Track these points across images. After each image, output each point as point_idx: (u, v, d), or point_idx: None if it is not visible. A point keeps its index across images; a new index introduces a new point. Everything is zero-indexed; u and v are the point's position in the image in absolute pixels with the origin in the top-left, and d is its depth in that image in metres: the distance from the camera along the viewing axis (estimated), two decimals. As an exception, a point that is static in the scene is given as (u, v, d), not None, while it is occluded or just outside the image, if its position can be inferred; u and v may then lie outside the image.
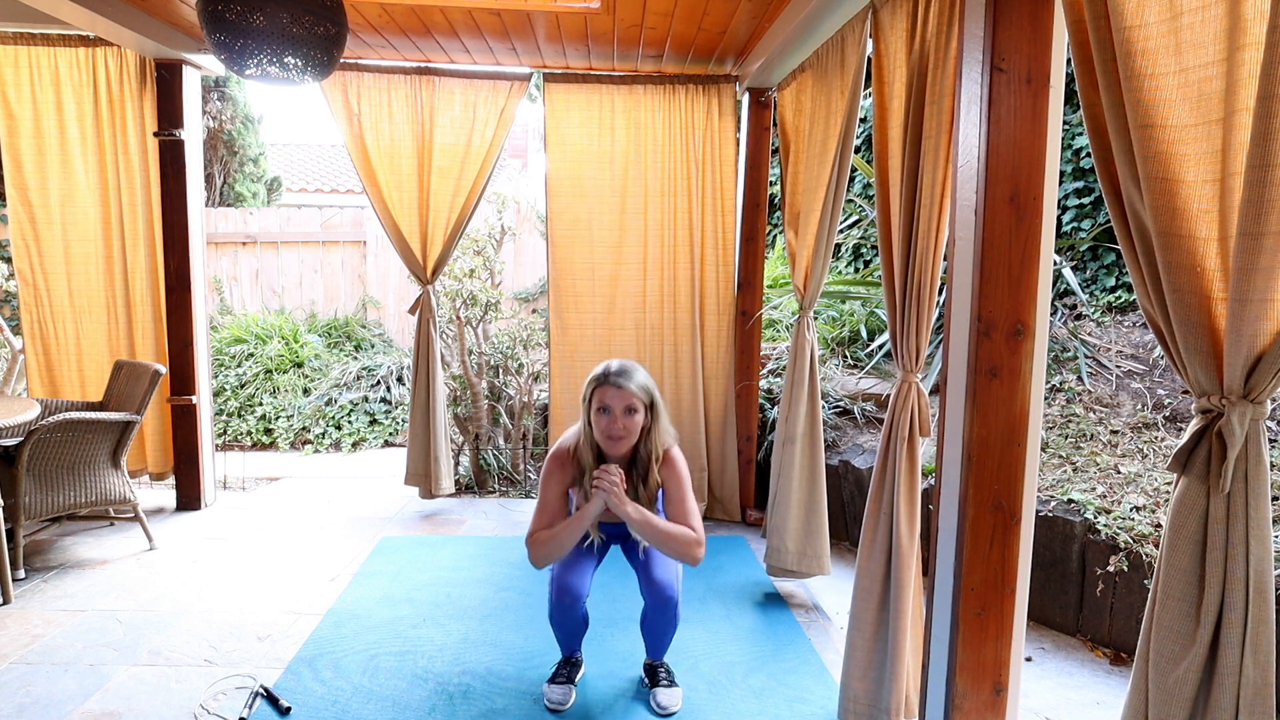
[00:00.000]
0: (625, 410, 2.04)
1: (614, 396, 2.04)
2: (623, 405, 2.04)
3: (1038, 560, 2.80)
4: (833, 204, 2.66)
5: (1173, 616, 1.16)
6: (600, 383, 2.06)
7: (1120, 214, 1.26)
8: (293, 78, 2.42)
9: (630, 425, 2.05)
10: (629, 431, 2.06)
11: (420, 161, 3.87)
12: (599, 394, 2.06)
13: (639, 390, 2.06)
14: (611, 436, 2.05)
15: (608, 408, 2.05)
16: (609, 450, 2.10)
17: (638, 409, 2.06)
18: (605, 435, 2.06)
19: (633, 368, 2.09)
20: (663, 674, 2.35)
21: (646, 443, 2.11)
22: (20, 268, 3.90)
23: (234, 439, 5.64)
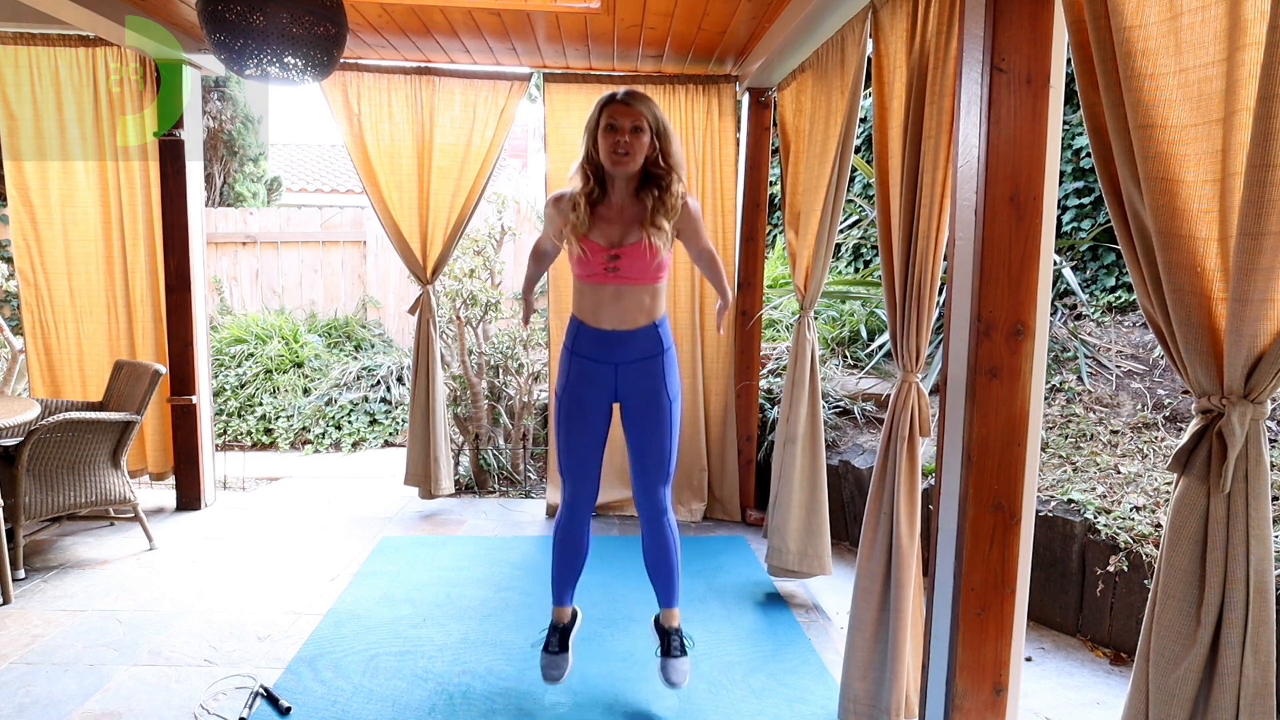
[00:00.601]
0: (632, 128, 2.04)
1: (621, 113, 2.05)
2: (630, 122, 2.04)
3: (1038, 560, 2.80)
4: (833, 204, 2.66)
5: (1173, 616, 1.16)
6: (608, 101, 2.07)
7: (1120, 214, 1.26)
8: (293, 78, 2.42)
9: (636, 143, 2.05)
10: (635, 150, 2.05)
11: (420, 161, 3.86)
12: (607, 111, 2.06)
13: (647, 112, 2.06)
14: (617, 151, 2.04)
15: (615, 124, 2.05)
16: (613, 167, 2.06)
17: (645, 129, 2.06)
18: (611, 151, 2.04)
19: (642, 94, 2.10)
20: (675, 641, 2.31)
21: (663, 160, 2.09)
22: (21, 268, 3.90)
23: (234, 439, 5.64)
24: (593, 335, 2.18)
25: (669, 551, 2.27)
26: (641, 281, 2.14)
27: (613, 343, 2.17)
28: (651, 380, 2.19)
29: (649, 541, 2.28)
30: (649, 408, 2.20)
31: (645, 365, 2.19)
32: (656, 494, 2.23)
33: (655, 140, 2.08)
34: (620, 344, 2.17)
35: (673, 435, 2.23)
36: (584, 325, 2.20)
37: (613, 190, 2.14)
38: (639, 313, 2.16)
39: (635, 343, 2.17)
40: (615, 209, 2.14)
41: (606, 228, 2.12)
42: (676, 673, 2.27)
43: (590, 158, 2.12)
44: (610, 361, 2.18)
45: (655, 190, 2.10)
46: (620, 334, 2.16)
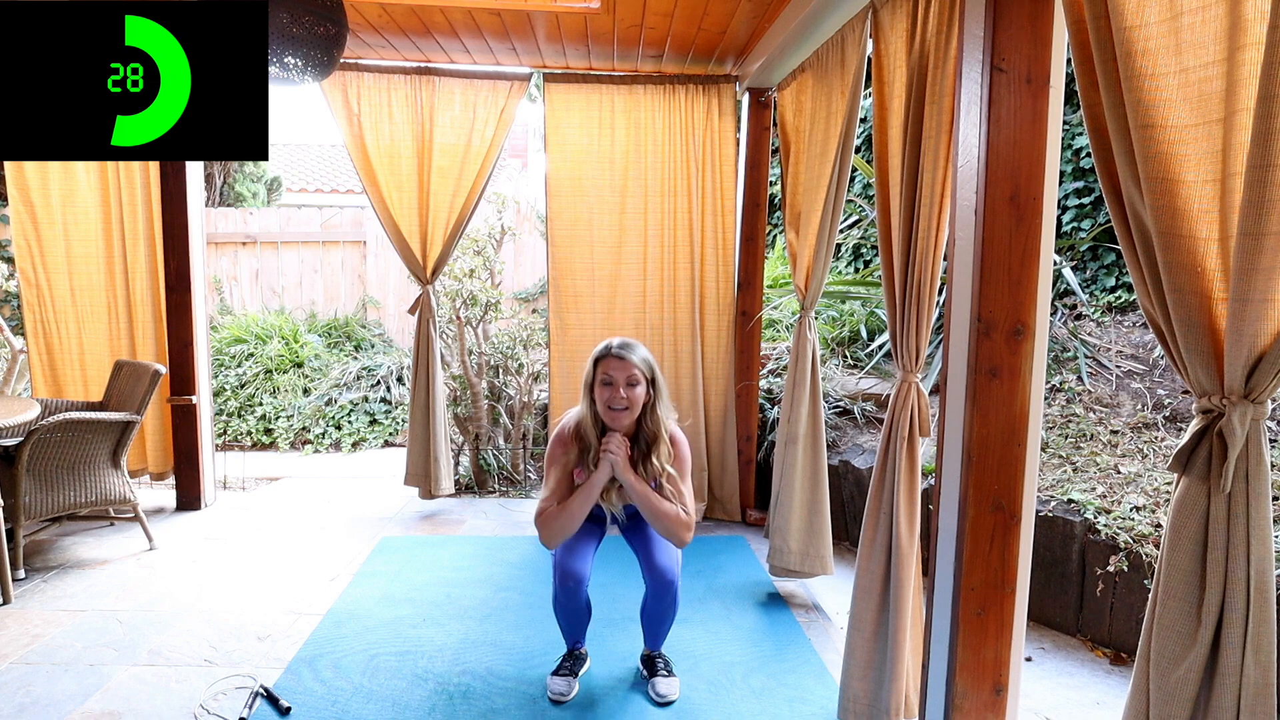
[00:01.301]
0: (627, 382, 2.10)
1: (617, 368, 2.09)
2: (625, 377, 2.09)
3: (1038, 560, 2.79)
4: (833, 204, 2.66)
5: (1173, 616, 1.16)
6: (603, 356, 2.13)
7: (1120, 214, 1.26)
8: (293, 78, 2.43)
9: (633, 397, 2.10)
10: (631, 403, 2.10)
11: (420, 161, 3.86)
12: (602, 366, 2.12)
13: (641, 363, 2.12)
14: (614, 407, 2.10)
15: (611, 379, 2.10)
16: (612, 423, 2.13)
17: (639, 381, 2.11)
18: (608, 406, 2.10)
19: (634, 343, 2.16)
20: (660, 664, 2.39)
21: (650, 418, 2.16)
22: (23, 268, 3.90)
23: (234, 439, 5.64)
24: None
25: (668, 614, 2.31)
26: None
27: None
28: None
29: (652, 603, 2.29)
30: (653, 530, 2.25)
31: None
32: (672, 572, 2.22)
33: (650, 389, 2.15)
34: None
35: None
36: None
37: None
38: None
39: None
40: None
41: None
42: (666, 686, 2.32)
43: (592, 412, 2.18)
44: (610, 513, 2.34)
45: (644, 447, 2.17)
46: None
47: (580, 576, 2.20)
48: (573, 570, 2.19)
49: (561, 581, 2.21)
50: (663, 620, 2.34)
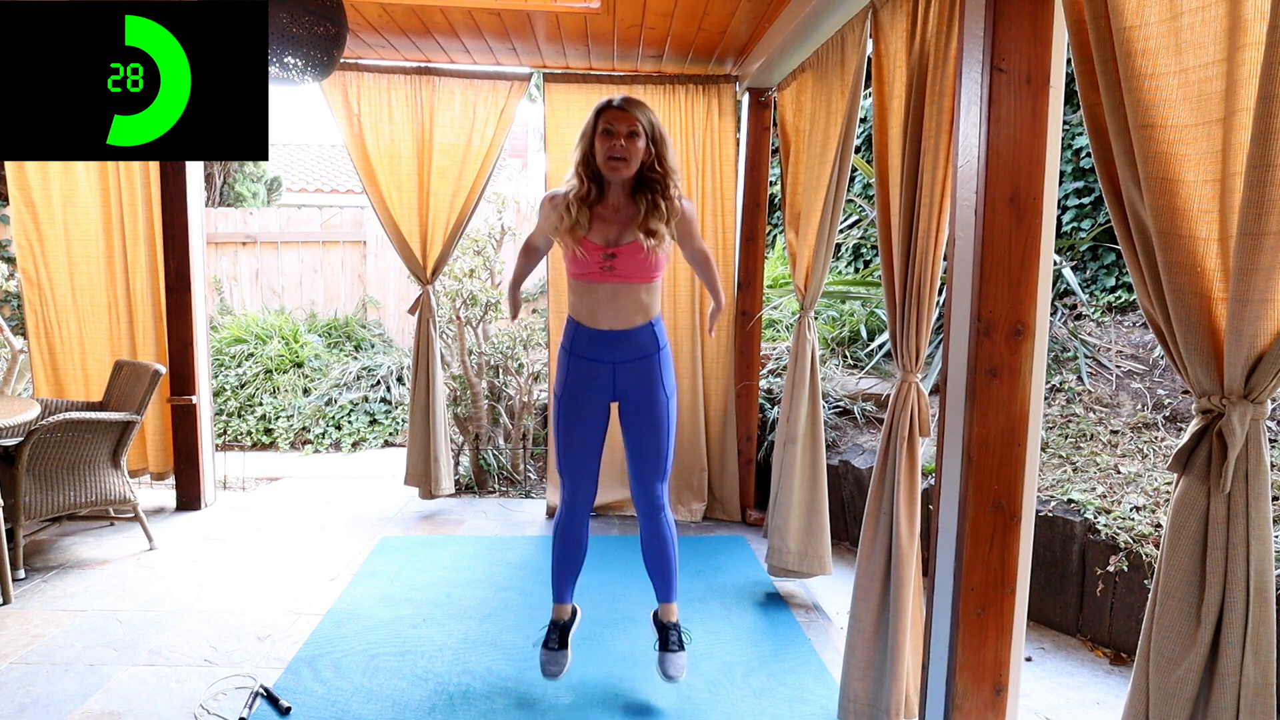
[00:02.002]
0: (628, 133, 2.07)
1: (618, 119, 2.07)
2: (626, 128, 2.07)
3: (1038, 560, 2.79)
4: (833, 204, 2.66)
5: (1173, 616, 1.16)
6: (605, 107, 2.10)
7: (1120, 214, 1.26)
8: (293, 78, 2.43)
9: (632, 148, 2.08)
10: (630, 155, 2.08)
11: (420, 161, 3.86)
12: (604, 117, 2.09)
13: (643, 118, 2.09)
14: (613, 156, 2.07)
15: (611, 129, 2.07)
16: (610, 173, 2.09)
17: (640, 133, 2.09)
18: (607, 156, 2.07)
19: (639, 101, 2.13)
20: (673, 635, 2.35)
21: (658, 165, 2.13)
22: (25, 268, 3.90)
23: (234, 439, 5.64)
24: (590, 335, 2.20)
25: (666, 547, 2.31)
26: (637, 280, 2.16)
27: (610, 342, 2.19)
28: (648, 378, 2.22)
29: (647, 537, 2.32)
30: (646, 405, 2.23)
31: (642, 364, 2.21)
32: (654, 491, 2.26)
33: (651, 146, 2.11)
34: (617, 343, 2.20)
35: (669, 433, 2.26)
36: (581, 326, 2.22)
37: (609, 192, 2.16)
38: (635, 312, 2.18)
39: (632, 342, 2.20)
40: (611, 209, 2.16)
41: (603, 227, 2.15)
42: (674, 666, 2.31)
43: (586, 161, 2.14)
44: (607, 361, 2.21)
45: (650, 194, 2.12)
46: (617, 333, 2.19)
47: (590, 491, 2.27)
48: (583, 481, 2.25)
49: (571, 494, 2.26)
50: (663, 556, 2.31)
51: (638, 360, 2.21)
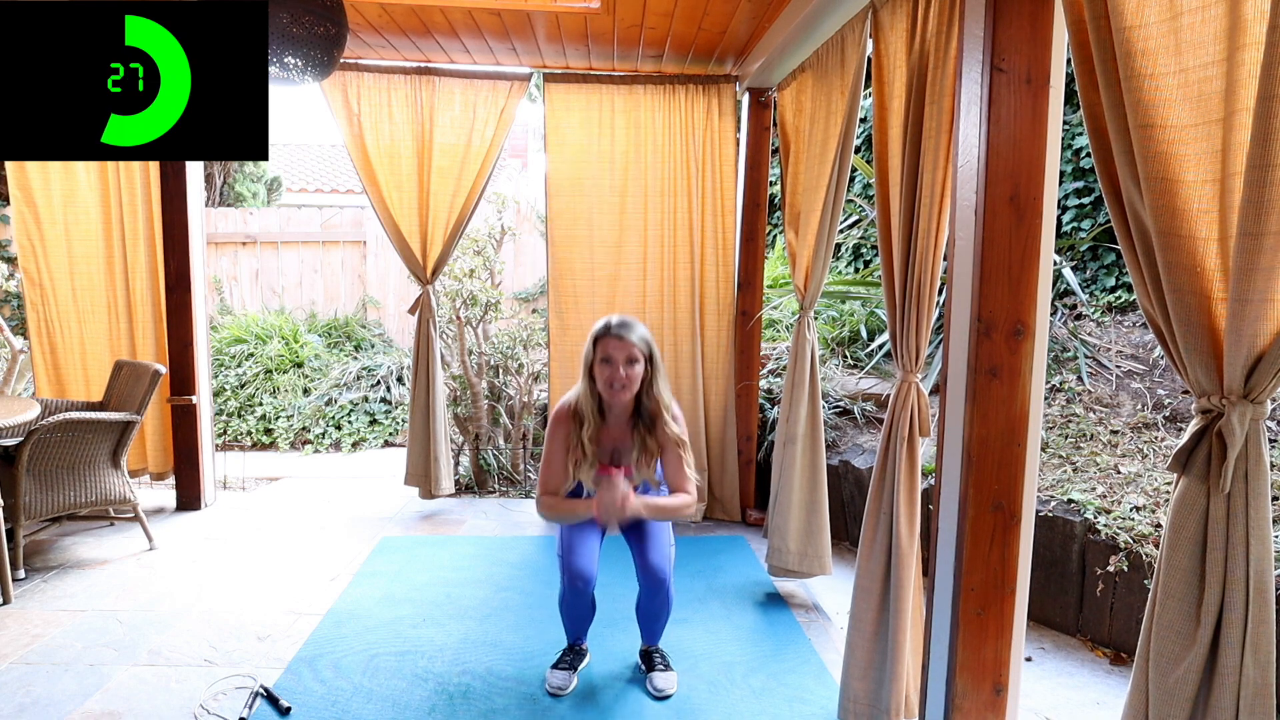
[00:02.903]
0: (627, 360, 2.11)
1: (616, 347, 2.11)
2: (624, 355, 2.11)
3: (1038, 560, 2.79)
4: (833, 204, 2.66)
5: (1173, 616, 1.16)
6: (603, 335, 2.14)
7: (1120, 214, 1.26)
8: (293, 78, 2.43)
9: (631, 375, 2.12)
10: (630, 381, 2.12)
11: (420, 161, 3.86)
12: (602, 345, 2.13)
13: (639, 342, 2.14)
14: (614, 385, 2.11)
15: (610, 358, 2.11)
16: (611, 400, 2.15)
17: (638, 359, 2.13)
18: (608, 384, 2.12)
19: (633, 321, 2.18)
20: (658, 659, 2.43)
21: (649, 393, 2.18)
22: (27, 268, 3.90)
23: (234, 439, 5.64)
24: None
25: (662, 612, 2.37)
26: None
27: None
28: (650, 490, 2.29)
29: (646, 604, 2.35)
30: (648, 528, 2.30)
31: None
32: (663, 571, 2.26)
33: (648, 367, 2.16)
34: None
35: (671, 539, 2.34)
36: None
37: (610, 415, 2.23)
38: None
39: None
40: (612, 435, 2.25)
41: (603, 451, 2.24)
42: (663, 680, 2.37)
43: (591, 390, 2.20)
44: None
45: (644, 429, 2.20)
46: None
47: (589, 578, 2.23)
48: (581, 572, 2.22)
49: (570, 583, 2.25)
50: (657, 617, 2.38)
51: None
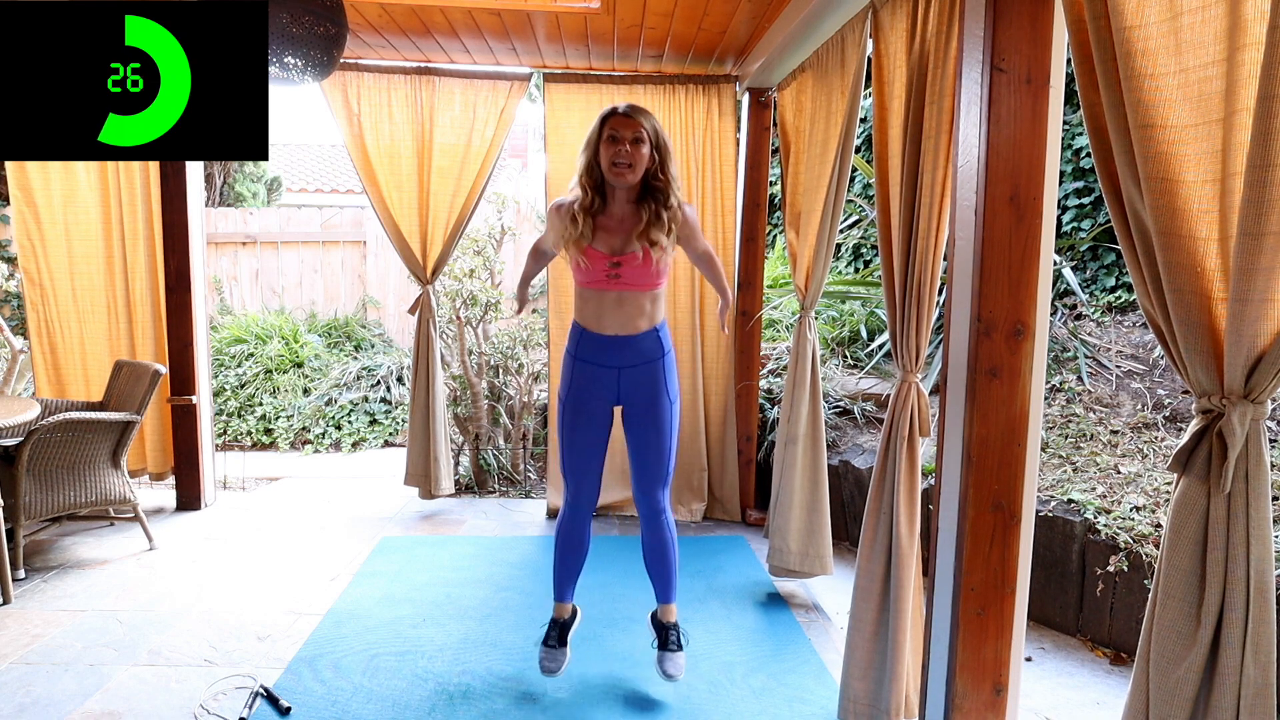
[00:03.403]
0: (633, 139, 2.09)
1: (623, 125, 2.10)
2: (631, 134, 2.09)
3: (1038, 560, 2.79)
4: (833, 204, 2.66)
5: (1173, 616, 1.16)
6: (610, 114, 2.13)
7: (1120, 214, 1.26)
8: (293, 78, 2.43)
9: (637, 154, 2.09)
10: (635, 161, 2.09)
11: (420, 161, 3.86)
12: (610, 123, 2.11)
13: (647, 125, 2.12)
14: (617, 163, 2.09)
15: (617, 135, 2.09)
16: (614, 179, 2.11)
17: (644, 140, 2.11)
18: (611, 162, 2.09)
19: (643, 108, 2.16)
20: (672, 636, 2.38)
21: (661, 173, 2.15)
22: (27, 267, 3.90)
23: (234, 439, 5.64)
24: (595, 340, 2.23)
25: (667, 549, 2.34)
26: (642, 288, 2.19)
27: (615, 347, 2.22)
28: (652, 383, 2.25)
29: (648, 539, 2.35)
30: (650, 410, 2.25)
31: (647, 369, 2.24)
32: (655, 495, 2.29)
33: (655, 153, 2.13)
34: (622, 348, 2.22)
35: (672, 437, 2.29)
36: (586, 331, 2.25)
37: (613, 201, 2.18)
38: (640, 318, 2.21)
39: (637, 347, 2.23)
40: (615, 219, 2.18)
41: (607, 237, 2.17)
42: (674, 665, 2.34)
43: (590, 169, 2.16)
44: (613, 365, 2.23)
45: (653, 204, 2.15)
46: (622, 339, 2.22)
47: (593, 495, 2.30)
48: (586, 486, 2.28)
49: (574, 497, 2.29)
50: (664, 558, 2.34)
51: (642, 365, 2.24)
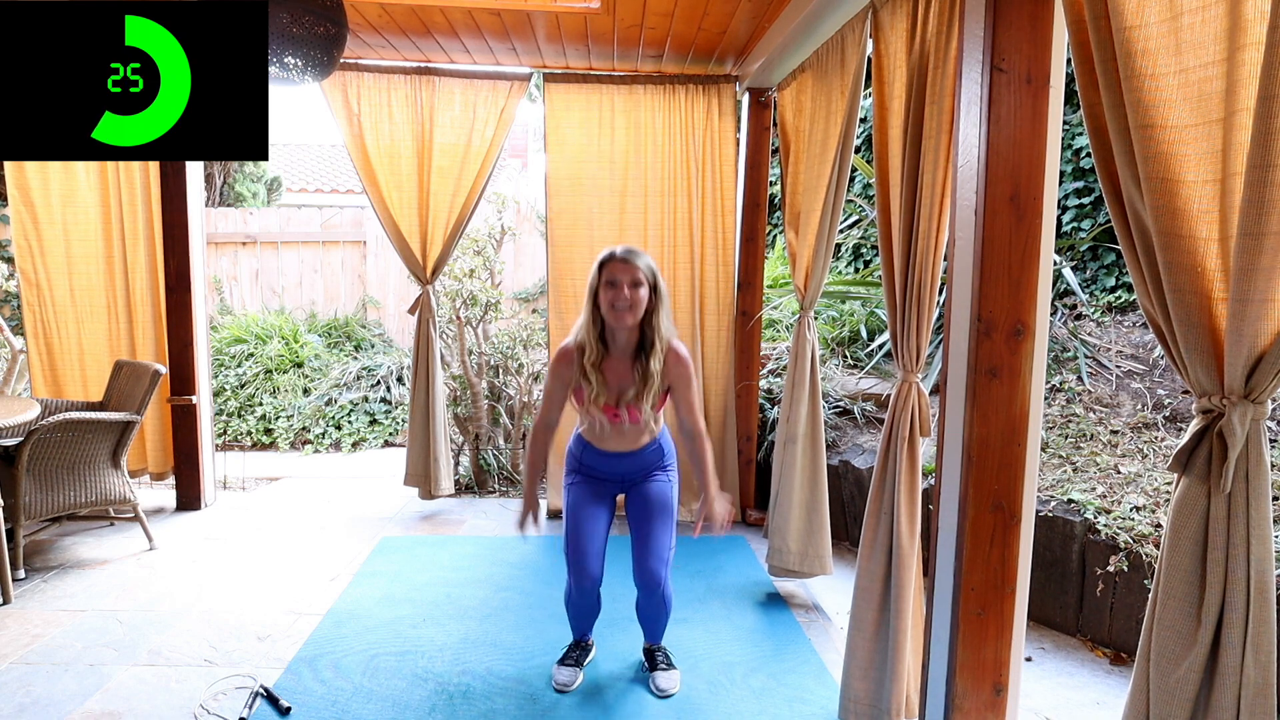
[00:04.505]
0: (632, 283, 2.12)
1: (621, 270, 2.12)
2: (629, 278, 2.11)
3: (1038, 560, 2.79)
4: (833, 204, 2.66)
5: (1174, 616, 1.16)
6: (608, 260, 2.15)
7: (1120, 214, 1.26)
8: (293, 78, 2.43)
9: (636, 298, 2.12)
10: (635, 304, 2.12)
11: (420, 161, 3.86)
12: (608, 269, 2.13)
13: (644, 268, 2.15)
14: (617, 307, 2.11)
15: (615, 281, 2.12)
16: (614, 323, 2.14)
17: (643, 283, 2.13)
18: (611, 306, 2.12)
19: (638, 249, 2.18)
20: (660, 658, 2.45)
21: (651, 322, 2.17)
22: (24, 268, 3.90)
23: (234, 439, 5.64)
24: (598, 454, 2.30)
25: (660, 613, 2.39)
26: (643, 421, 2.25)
27: (618, 460, 2.30)
28: (656, 483, 2.31)
29: (643, 603, 2.38)
30: (653, 504, 2.30)
31: (650, 475, 2.32)
32: (658, 573, 2.28)
33: (652, 296, 2.16)
34: (625, 461, 2.30)
35: (673, 522, 2.33)
36: (589, 445, 2.31)
37: (613, 345, 2.20)
38: (642, 435, 2.28)
39: (640, 460, 2.30)
40: (615, 371, 2.21)
41: (609, 389, 2.21)
42: (666, 680, 2.39)
43: (594, 320, 2.18)
44: (615, 477, 2.32)
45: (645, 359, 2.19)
46: (625, 454, 2.28)
47: (595, 577, 2.28)
48: (588, 571, 2.27)
49: (578, 583, 2.28)
50: (656, 618, 2.40)
51: (645, 473, 2.31)
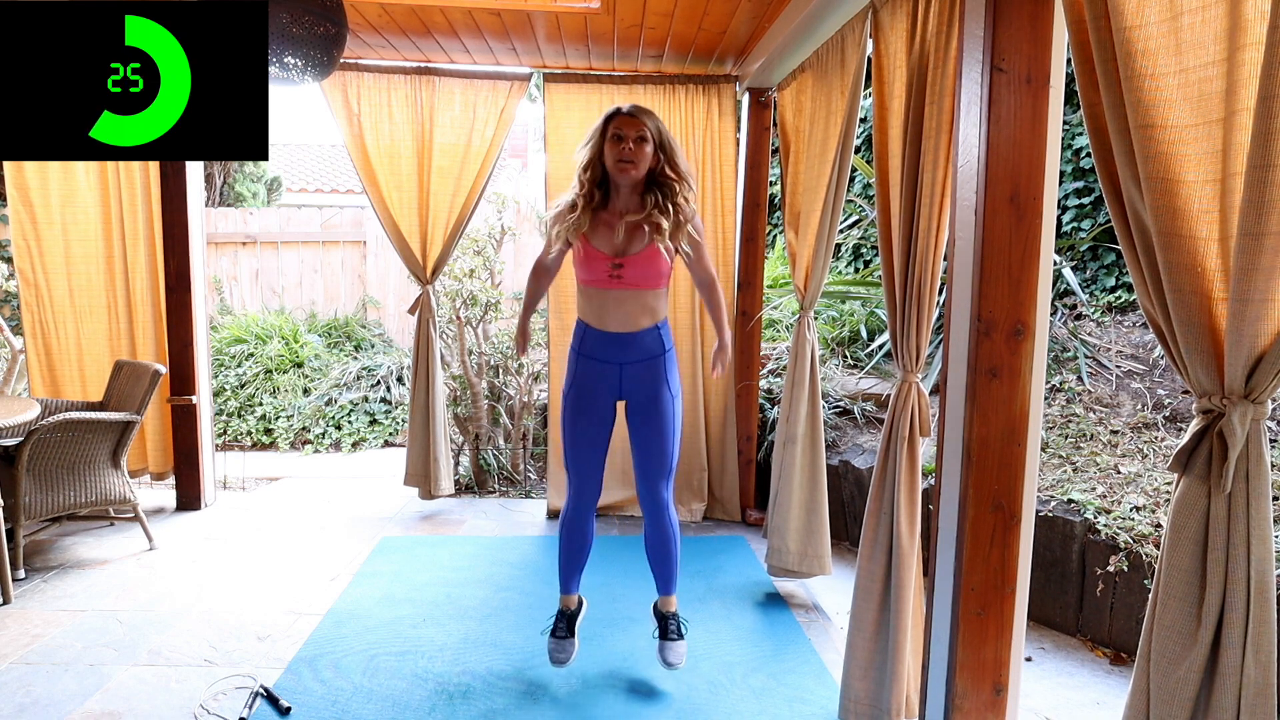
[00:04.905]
0: (637, 138, 2.13)
1: (628, 125, 2.14)
2: (635, 132, 2.13)
3: (1038, 560, 2.79)
4: (833, 204, 2.66)
5: (1174, 616, 1.16)
6: (614, 114, 2.17)
7: (1120, 214, 1.26)
8: (293, 78, 2.43)
9: (640, 152, 2.13)
10: (639, 158, 2.13)
11: (420, 161, 3.86)
12: (614, 123, 2.15)
13: (651, 124, 2.16)
14: (622, 159, 2.13)
15: (621, 134, 2.14)
16: (618, 175, 2.15)
17: (648, 139, 2.15)
18: (617, 159, 2.13)
19: (647, 109, 2.20)
20: (673, 625, 2.44)
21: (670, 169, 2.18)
22: (22, 268, 3.90)
23: (234, 439, 5.64)
24: (598, 337, 2.27)
25: (669, 542, 2.39)
26: (644, 287, 2.23)
27: (617, 344, 2.26)
28: (654, 379, 2.28)
29: (650, 533, 2.39)
30: (652, 405, 2.29)
31: (649, 365, 2.28)
32: (658, 487, 2.33)
33: (659, 152, 2.17)
34: (625, 345, 2.26)
35: (674, 432, 2.32)
36: (589, 328, 2.29)
37: (616, 198, 2.21)
38: (642, 315, 2.25)
39: (639, 344, 2.26)
40: (617, 215, 2.21)
41: (609, 235, 2.20)
42: (674, 653, 2.38)
43: (590, 166, 2.19)
44: (615, 361, 2.27)
45: (659, 196, 2.18)
46: (625, 336, 2.25)
47: (595, 490, 2.34)
48: (589, 485, 2.32)
49: (577, 493, 2.31)
50: (666, 554, 2.39)
51: (644, 361, 2.27)
